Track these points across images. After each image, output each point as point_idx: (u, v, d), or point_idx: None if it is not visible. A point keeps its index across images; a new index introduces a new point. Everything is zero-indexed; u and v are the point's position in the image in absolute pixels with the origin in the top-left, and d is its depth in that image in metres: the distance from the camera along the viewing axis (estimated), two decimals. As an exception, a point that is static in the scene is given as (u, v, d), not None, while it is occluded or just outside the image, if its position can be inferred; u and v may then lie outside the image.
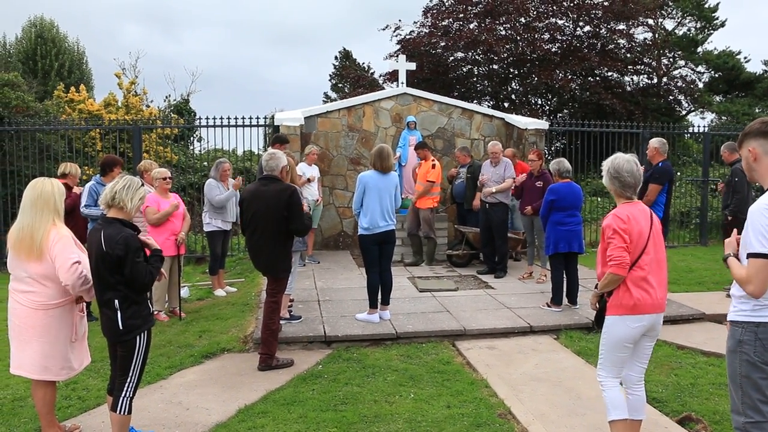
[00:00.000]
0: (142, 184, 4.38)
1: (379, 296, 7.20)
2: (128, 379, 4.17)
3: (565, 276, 7.81)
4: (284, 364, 6.07)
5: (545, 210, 7.78)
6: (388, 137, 12.25)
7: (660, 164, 7.80)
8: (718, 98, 27.71)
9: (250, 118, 12.01)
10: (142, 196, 4.24)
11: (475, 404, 5.03)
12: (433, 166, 10.28)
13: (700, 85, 26.23)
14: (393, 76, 22.08)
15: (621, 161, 4.02)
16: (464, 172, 10.69)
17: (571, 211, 7.75)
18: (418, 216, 10.38)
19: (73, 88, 17.22)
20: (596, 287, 4.10)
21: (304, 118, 11.84)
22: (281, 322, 7.01)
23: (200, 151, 19.85)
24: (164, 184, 7.94)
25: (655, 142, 7.99)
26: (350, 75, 28.88)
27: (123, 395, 4.15)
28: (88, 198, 7.79)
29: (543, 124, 12.05)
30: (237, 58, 64.13)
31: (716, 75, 27.22)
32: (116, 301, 4.06)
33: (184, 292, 8.85)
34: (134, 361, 4.16)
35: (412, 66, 13.33)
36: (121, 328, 4.08)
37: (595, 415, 4.84)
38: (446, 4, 23.96)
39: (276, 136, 9.97)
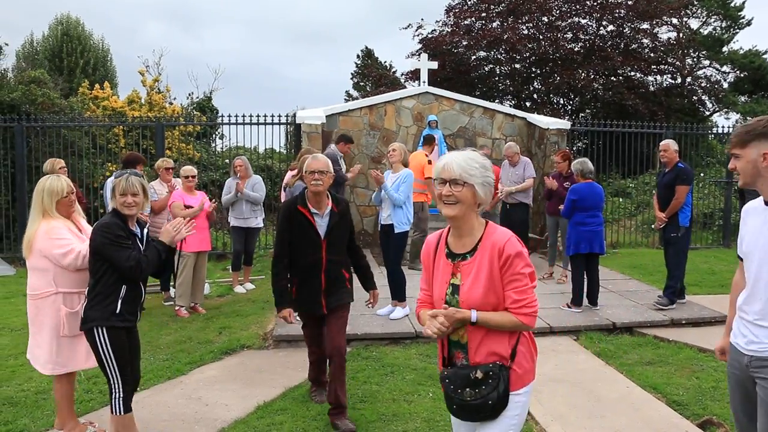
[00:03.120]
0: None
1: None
2: (111, 381, 4.08)
3: (585, 277, 7.77)
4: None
5: (568, 210, 7.75)
6: (409, 136, 12.25)
7: (680, 165, 7.68)
8: (743, 98, 27.33)
9: (272, 116, 12.07)
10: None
11: (493, 404, 5.01)
12: (429, 162, 10.25)
13: (725, 85, 25.90)
14: (414, 75, 22.11)
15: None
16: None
17: (593, 212, 7.70)
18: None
19: (97, 86, 17.41)
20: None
21: (326, 116, 11.86)
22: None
23: (222, 148, 20.00)
24: (186, 182, 8.03)
25: (672, 144, 7.81)
26: (372, 74, 28.91)
27: (114, 397, 4.08)
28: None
29: (565, 124, 11.98)
30: (258, 56, 64.40)
31: (742, 75, 26.83)
32: (86, 289, 4.11)
33: (206, 289, 8.92)
34: (105, 361, 4.03)
35: (434, 65, 13.32)
36: (81, 314, 4.08)
37: (615, 417, 4.82)
38: (469, 3, 23.90)
39: (341, 136, 10.06)
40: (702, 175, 16.62)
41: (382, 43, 60.43)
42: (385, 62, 31.87)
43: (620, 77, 23.54)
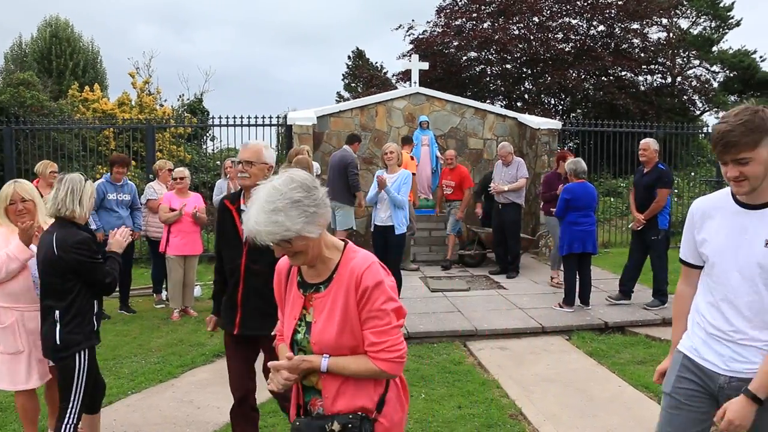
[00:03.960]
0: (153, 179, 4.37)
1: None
2: (70, 406, 3.71)
3: (577, 277, 7.77)
4: None
5: (561, 209, 7.72)
6: (400, 137, 12.23)
7: (661, 166, 7.56)
8: (733, 98, 27.46)
9: (263, 117, 12.04)
10: (91, 193, 3.87)
11: (486, 405, 5.02)
12: (411, 158, 10.26)
13: (715, 85, 26.01)
14: (405, 75, 22.09)
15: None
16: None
17: (586, 212, 7.72)
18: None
19: (87, 88, 17.34)
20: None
21: (317, 117, 11.84)
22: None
23: (213, 150, 19.94)
24: (177, 184, 8.00)
25: (653, 143, 7.65)
26: (363, 75, 28.88)
27: (65, 423, 3.68)
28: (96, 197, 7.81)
29: (556, 124, 12.01)
30: (250, 58, 64.33)
31: (731, 74, 26.97)
32: (57, 312, 3.66)
33: (197, 291, 8.87)
34: (75, 385, 3.71)
35: (425, 65, 13.32)
36: (58, 342, 3.65)
37: (607, 417, 4.82)
38: (459, 3, 23.90)
39: (352, 135, 10.09)
40: (693, 174, 16.68)
41: (374, 44, 60.50)
42: (376, 63, 31.89)
43: (611, 77, 23.59)
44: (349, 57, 33.67)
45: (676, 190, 15.40)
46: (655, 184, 7.48)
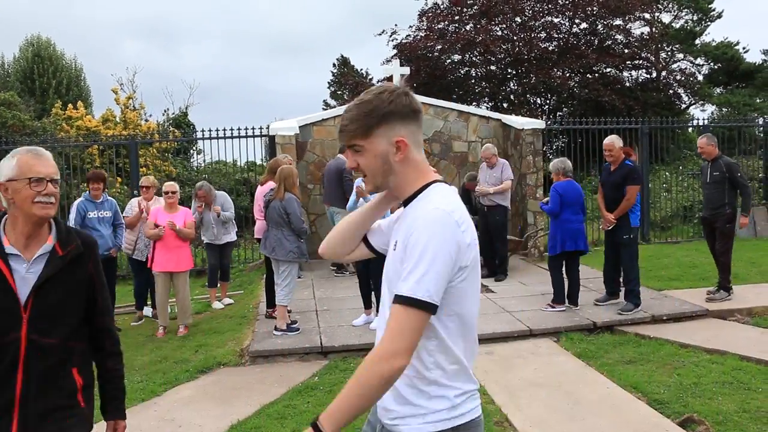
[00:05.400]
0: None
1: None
2: None
3: (565, 276, 7.71)
4: None
5: (557, 205, 7.61)
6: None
7: (628, 162, 7.41)
8: (718, 90, 27.55)
9: (246, 129, 11.96)
10: None
11: (471, 412, 4.92)
12: None
13: (700, 78, 26.06)
14: (390, 81, 22.08)
15: None
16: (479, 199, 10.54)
17: (575, 209, 7.66)
18: None
19: (70, 106, 17.24)
20: None
21: (300, 126, 11.75)
22: (277, 333, 6.97)
23: (201, 163, 19.86)
24: (167, 198, 7.91)
25: (617, 141, 7.45)
26: (348, 82, 28.83)
27: None
28: (76, 216, 7.75)
29: (539, 123, 11.95)
30: (237, 70, 64.29)
31: (716, 66, 27.06)
32: None
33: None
34: None
35: (406, 70, 13.22)
36: None
37: (596, 419, 4.75)
38: (441, 6, 23.88)
39: (342, 145, 9.95)
40: (680, 168, 16.67)
41: (359, 51, 60.63)
42: (361, 70, 31.79)
43: (596, 74, 23.62)
44: (334, 65, 33.63)
45: (665, 185, 15.39)
46: (623, 182, 7.34)
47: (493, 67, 24.12)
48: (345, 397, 1.73)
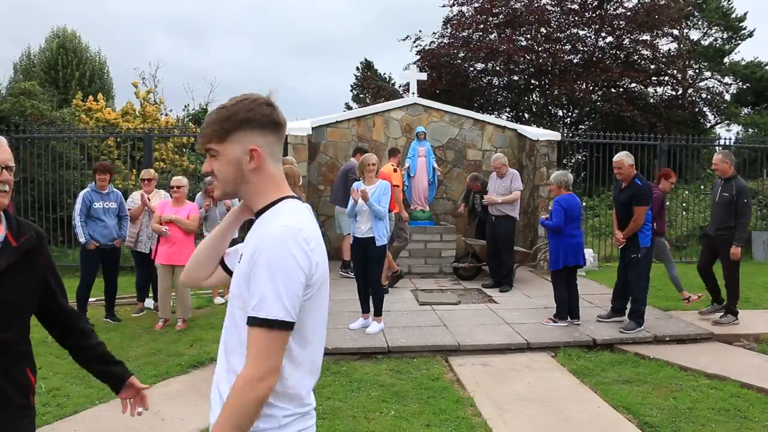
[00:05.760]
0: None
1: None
2: None
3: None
4: None
5: (561, 220, 7.47)
6: (398, 148, 12.11)
7: (637, 181, 7.18)
8: (746, 110, 27.14)
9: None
10: None
11: (455, 424, 4.83)
12: (395, 170, 10.12)
13: (727, 97, 25.68)
14: (407, 87, 21.99)
15: None
16: (479, 198, 10.44)
17: (577, 223, 7.56)
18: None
19: (90, 97, 17.38)
20: None
21: (314, 127, 11.75)
22: None
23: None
24: (173, 192, 7.92)
25: (627, 159, 7.22)
26: (371, 86, 28.83)
27: None
28: (81, 206, 7.78)
29: (555, 135, 11.81)
30: (264, 68, 64.77)
31: (744, 86, 26.66)
32: None
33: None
34: None
35: (423, 76, 13.22)
36: None
37: (581, 439, 4.63)
38: (467, 14, 23.80)
39: (357, 148, 10.45)
40: (702, 187, 16.40)
41: (384, 55, 60.67)
42: (384, 74, 31.81)
43: (620, 89, 23.37)
44: (357, 68, 33.66)
45: (684, 204, 15.14)
46: (630, 201, 7.16)
47: (515, 77, 23.99)
48: (222, 429, 1.70)
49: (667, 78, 24.40)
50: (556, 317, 7.54)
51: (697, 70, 25.86)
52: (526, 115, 23.96)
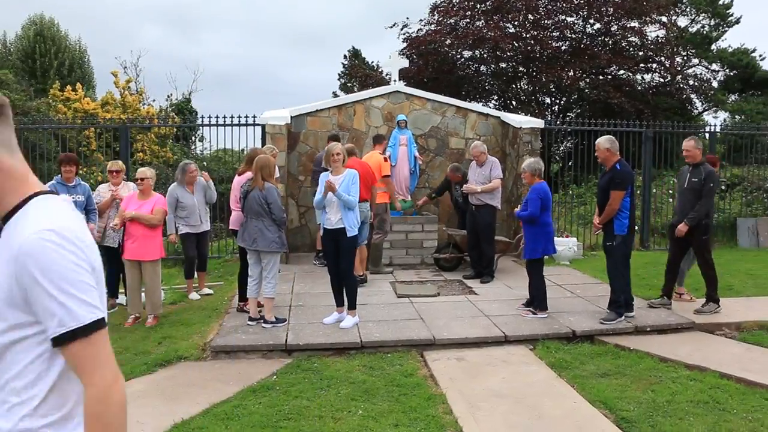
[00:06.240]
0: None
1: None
2: None
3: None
4: None
5: (537, 209, 7.26)
6: (383, 134, 11.88)
7: (617, 166, 6.98)
8: (733, 97, 27.00)
9: (239, 117, 11.65)
10: None
11: (425, 423, 4.65)
12: (385, 160, 9.91)
13: (715, 84, 25.53)
14: (400, 74, 21.64)
15: None
16: (459, 189, 10.22)
17: (550, 211, 7.44)
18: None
19: (69, 87, 17.05)
20: None
21: (293, 117, 11.51)
22: (266, 326, 6.78)
23: (201, 151, 19.66)
24: (138, 185, 7.70)
25: (605, 142, 7.07)
26: (358, 74, 28.48)
27: None
28: None
29: (538, 122, 11.60)
30: (256, 59, 64.67)
31: (731, 73, 26.51)
32: None
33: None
34: None
35: (405, 63, 12.95)
36: None
37: (554, 437, 4.45)
38: (454, 1, 23.48)
39: (331, 135, 10.11)
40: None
41: (375, 44, 60.12)
42: (372, 62, 31.44)
43: (608, 76, 23.16)
44: (345, 56, 33.32)
45: (670, 191, 14.97)
46: (608, 186, 6.98)
47: (503, 65, 23.73)
48: None
49: (655, 65, 24.18)
50: (536, 308, 7.38)
51: (684, 57, 25.66)
52: (514, 103, 23.73)
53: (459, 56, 23.53)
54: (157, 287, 7.72)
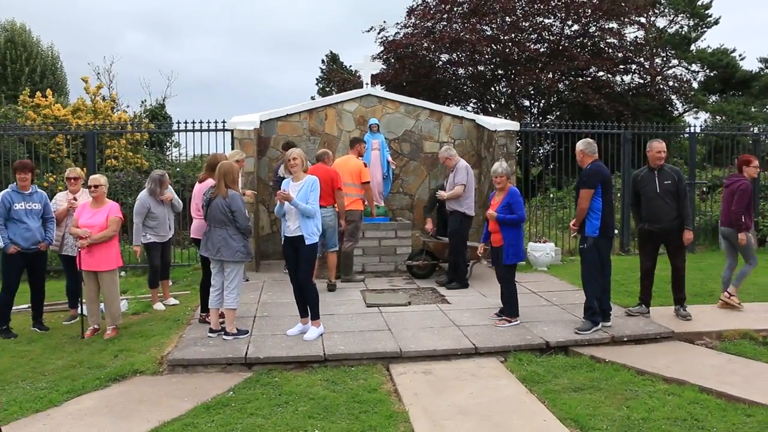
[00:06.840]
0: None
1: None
2: None
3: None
4: None
5: (524, 212, 7.12)
6: (359, 137, 11.60)
7: (588, 167, 6.81)
8: (713, 98, 27.00)
9: (208, 122, 11.36)
10: None
11: (384, 444, 4.37)
12: (365, 165, 9.67)
13: (695, 84, 25.51)
14: (377, 78, 21.39)
15: None
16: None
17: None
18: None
19: (39, 93, 16.65)
20: None
21: (263, 121, 11.23)
22: (227, 338, 6.56)
23: (176, 157, 19.30)
24: (91, 192, 7.36)
25: (580, 144, 6.95)
26: (336, 78, 28.22)
27: None
28: (0, 207, 7.22)
29: (513, 125, 11.38)
30: (237, 65, 64.21)
31: (711, 74, 26.53)
32: None
33: (123, 306, 8.19)
34: None
35: (377, 67, 12.74)
36: None
37: (521, 458, 4.18)
38: (431, 4, 23.29)
39: (285, 143, 9.97)
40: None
41: (354, 48, 60.02)
42: (350, 66, 31.18)
43: (587, 77, 23.05)
44: (323, 61, 33.03)
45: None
46: (577, 185, 6.82)
47: (481, 68, 23.55)
48: None
49: (634, 66, 24.13)
50: (510, 316, 7.13)
51: (664, 58, 25.63)
52: (493, 106, 23.56)
53: (436, 59, 23.34)
54: (115, 298, 7.39)
